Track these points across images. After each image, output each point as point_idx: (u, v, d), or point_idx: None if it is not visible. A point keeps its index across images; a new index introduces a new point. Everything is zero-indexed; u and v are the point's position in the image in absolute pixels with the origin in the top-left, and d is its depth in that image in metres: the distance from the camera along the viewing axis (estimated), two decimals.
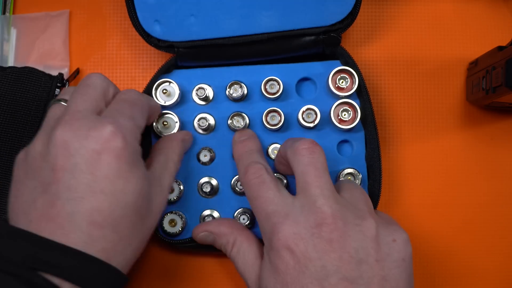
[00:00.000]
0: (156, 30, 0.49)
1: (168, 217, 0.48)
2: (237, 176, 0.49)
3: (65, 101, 0.41)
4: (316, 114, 0.48)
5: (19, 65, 0.52)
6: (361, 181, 0.48)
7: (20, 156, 0.39)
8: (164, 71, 0.50)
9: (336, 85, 0.49)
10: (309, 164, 0.40)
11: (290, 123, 0.50)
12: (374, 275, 0.37)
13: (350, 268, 0.37)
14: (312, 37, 0.49)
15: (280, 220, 0.39)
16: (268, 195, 0.41)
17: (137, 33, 0.54)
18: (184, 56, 0.49)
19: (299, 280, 0.37)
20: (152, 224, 0.40)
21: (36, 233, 0.33)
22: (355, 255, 0.37)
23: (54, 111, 0.40)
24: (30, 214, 0.34)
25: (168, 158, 0.44)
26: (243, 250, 0.43)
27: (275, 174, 0.48)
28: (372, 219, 0.39)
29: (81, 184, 0.34)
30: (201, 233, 0.45)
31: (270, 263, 0.39)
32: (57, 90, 0.50)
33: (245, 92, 0.49)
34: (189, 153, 0.49)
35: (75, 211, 0.34)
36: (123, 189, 0.35)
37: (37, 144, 0.37)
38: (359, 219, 0.39)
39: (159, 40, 0.49)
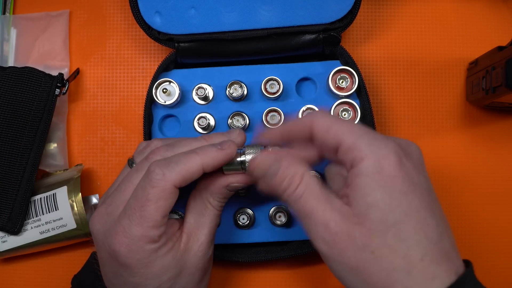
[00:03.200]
0: (156, 22, 0.49)
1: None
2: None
3: None
4: None
5: (19, 65, 0.52)
6: None
7: None
8: (164, 68, 0.50)
9: (336, 85, 0.49)
10: None
11: None
12: None
13: None
14: (312, 36, 0.49)
15: None
16: None
17: (136, 33, 0.54)
18: (184, 52, 0.50)
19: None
20: (194, 278, 0.41)
21: None
22: None
23: None
24: None
25: (204, 205, 0.42)
26: (313, 184, 0.36)
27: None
28: None
29: (107, 279, 0.42)
30: (268, 158, 0.38)
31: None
32: (57, 90, 0.50)
33: (245, 91, 0.49)
34: None
35: None
36: (140, 283, 0.40)
37: None
38: None
39: (159, 32, 0.49)
